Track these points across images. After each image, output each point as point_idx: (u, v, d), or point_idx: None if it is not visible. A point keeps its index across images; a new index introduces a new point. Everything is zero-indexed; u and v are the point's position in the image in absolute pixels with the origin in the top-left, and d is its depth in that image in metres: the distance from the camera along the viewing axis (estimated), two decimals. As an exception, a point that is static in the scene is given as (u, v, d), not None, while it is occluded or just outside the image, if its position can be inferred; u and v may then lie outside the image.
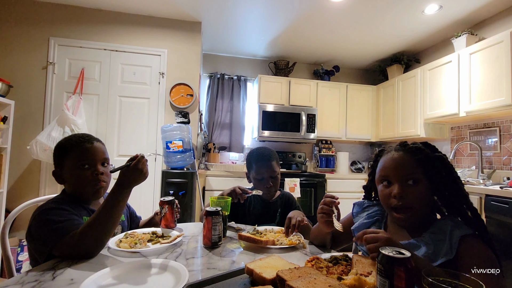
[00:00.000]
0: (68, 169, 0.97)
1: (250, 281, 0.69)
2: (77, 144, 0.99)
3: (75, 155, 0.97)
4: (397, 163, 0.81)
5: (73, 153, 0.97)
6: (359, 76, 4.40)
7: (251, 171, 1.42)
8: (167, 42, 3.00)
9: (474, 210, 0.76)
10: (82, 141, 1.00)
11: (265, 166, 1.37)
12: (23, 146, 2.52)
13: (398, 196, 0.77)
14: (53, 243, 0.82)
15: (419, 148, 0.81)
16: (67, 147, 0.98)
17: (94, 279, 0.67)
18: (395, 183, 0.80)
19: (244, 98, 3.81)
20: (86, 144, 0.99)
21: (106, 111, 2.83)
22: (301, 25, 3.05)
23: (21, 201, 1.69)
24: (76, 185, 0.99)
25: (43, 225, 0.85)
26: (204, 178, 3.13)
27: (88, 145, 0.99)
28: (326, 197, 0.91)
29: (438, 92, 2.93)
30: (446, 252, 0.70)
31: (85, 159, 0.98)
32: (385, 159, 0.85)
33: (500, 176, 2.59)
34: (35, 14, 2.71)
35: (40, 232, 0.85)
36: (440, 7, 2.62)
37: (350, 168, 4.14)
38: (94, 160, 0.99)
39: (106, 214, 0.85)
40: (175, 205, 1.16)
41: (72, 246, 0.81)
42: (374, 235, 0.66)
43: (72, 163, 0.97)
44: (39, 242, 0.85)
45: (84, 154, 0.98)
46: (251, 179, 1.45)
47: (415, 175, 0.78)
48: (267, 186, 1.37)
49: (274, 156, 1.42)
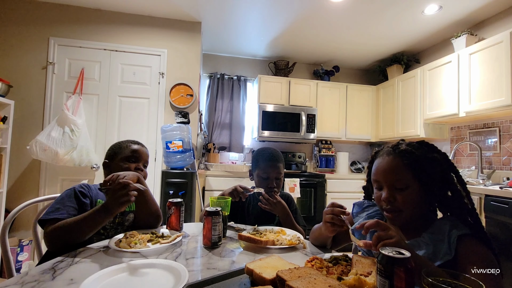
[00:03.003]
0: (117, 161, 1.20)
1: (250, 281, 0.69)
2: (129, 145, 1.25)
3: (127, 151, 1.22)
4: (386, 169, 0.81)
5: (126, 150, 1.23)
6: (359, 76, 4.40)
7: (257, 169, 1.43)
8: (167, 42, 3.00)
9: (471, 210, 0.76)
10: (134, 143, 1.28)
11: (272, 166, 1.38)
12: (23, 146, 2.52)
13: (386, 201, 0.80)
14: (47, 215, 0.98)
15: (409, 151, 0.80)
16: (122, 145, 1.25)
17: (94, 279, 0.67)
18: (384, 188, 0.81)
19: (244, 98, 3.81)
20: (136, 145, 1.27)
21: (106, 111, 2.83)
22: (301, 25, 3.05)
23: (21, 201, 1.69)
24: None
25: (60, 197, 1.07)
26: (204, 178, 3.13)
27: (137, 147, 1.26)
28: (333, 205, 0.87)
29: (438, 92, 2.93)
30: (445, 252, 0.70)
31: (133, 156, 1.22)
32: (377, 163, 0.86)
33: (500, 176, 2.59)
34: (35, 14, 2.71)
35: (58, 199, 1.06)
36: (440, 7, 2.62)
37: (350, 168, 4.14)
38: (139, 158, 1.24)
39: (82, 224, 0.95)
40: (181, 208, 1.15)
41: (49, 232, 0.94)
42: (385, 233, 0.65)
43: (123, 157, 1.21)
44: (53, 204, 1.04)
45: (133, 152, 1.23)
46: (255, 176, 1.45)
47: (403, 181, 0.78)
48: (270, 186, 1.38)
49: (281, 158, 1.44)
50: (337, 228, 0.86)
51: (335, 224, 0.85)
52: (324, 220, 0.88)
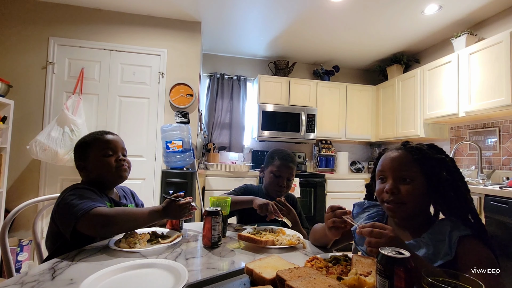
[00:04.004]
0: (93, 159, 1.09)
1: (250, 281, 0.69)
2: (99, 136, 1.12)
3: (99, 146, 1.10)
4: (394, 161, 0.82)
5: (97, 145, 1.10)
6: (359, 76, 4.40)
7: (270, 166, 1.45)
8: (166, 42, 2.99)
9: (474, 213, 0.77)
10: (103, 133, 1.14)
11: (287, 167, 1.42)
12: (23, 146, 2.52)
13: (389, 191, 0.80)
14: (82, 213, 0.90)
15: (419, 148, 0.82)
16: (90, 140, 1.12)
17: (94, 279, 0.67)
18: (389, 179, 0.81)
19: (244, 98, 3.81)
20: (107, 135, 1.14)
21: (106, 111, 2.83)
22: (301, 25, 3.05)
23: (21, 201, 1.69)
24: (101, 172, 1.10)
25: (77, 197, 0.95)
26: (203, 178, 3.13)
27: (109, 137, 1.14)
28: (332, 208, 0.86)
29: (437, 92, 2.93)
30: (446, 253, 0.70)
31: (108, 148, 1.11)
32: (384, 157, 0.87)
33: (500, 176, 2.59)
34: (35, 13, 2.71)
35: (73, 202, 0.93)
36: (440, 7, 2.62)
37: (350, 168, 4.14)
38: (116, 148, 1.13)
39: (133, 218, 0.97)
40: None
41: (99, 223, 0.91)
42: (381, 231, 0.66)
43: (97, 153, 1.10)
44: (68, 212, 0.92)
45: (106, 144, 1.11)
46: (266, 173, 1.48)
47: (409, 173, 0.79)
48: (281, 185, 1.41)
49: (296, 162, 1.50)
50: (341, 230, 0.84)
51: (339, 227, 0.83)
52: (327, 226, 0.86)
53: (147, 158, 2.90)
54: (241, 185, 1.56)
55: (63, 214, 0.95)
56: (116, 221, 0.93)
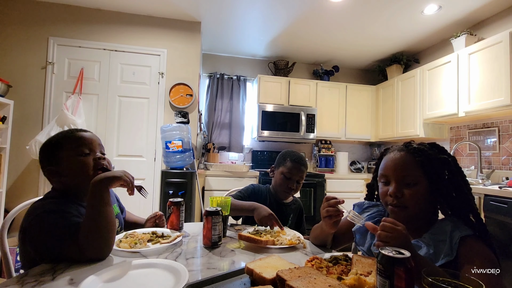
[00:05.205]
0: (66, 161, 0.92)
1: (250, 281, 0.69)
2: (70, 134, 0.96)
3: (72, 144, 0.93)
4: (397, 163, 0.82)
5: (69, 144, 0.93)
6: (359, 76, 4.40)
7: (281, 167, 1.45)
8: (166, 42, 2.99)
9: (476, 212, 0.77)
10: (74, 131, 0.98)
11: (298, 169, 1.42)
12: (22, 146, 2.52)
13: (393, 195, 0.80)
14: (59, 251, 0.78)
15: (422, 150, 0.81)
16: (59, 141, 0.94)
17: (94, 279, 0.67)
18: (392, 182, 0.81)
19: (244, 98, 3.81)
20: (79, 132, 0.97)
21: (106, 111, 2.83)
22: (300, 25, 3.05)
23: (20, 201, 1.69)
24: (78, 175, 0.92)
25: (48, 231, 0.79)
26: (203, 178, 3.13)
27: (82, 133, 0.97)
28: (327, 199, 0.88)
29: (437, 92, 2.94)
30: (447, 253, 0.70)
31: (84, 146, 0.94)
32: (387, 158, 0.86)
33: (499, 176, 2.59)
34: (35, 13, 2.71)
35: (44, 238, 0.79)
36: (440, 7, 2.62)
37: (349, 168, 4.15)
38: (92, 146, 0.96)
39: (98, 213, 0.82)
40: (181, 208, 1.14)
41: (83, 252, 0.78)
42: (394, 226, 0.66)
43: (70, 153, 0.92)
44: (41, 248, 0.79)
45: (81, 141, 0.95)
46: (277, 174, 1.47)
47: (413, 176, 0.79)
48: (290, 187, 1.42)
49: (307, 166, 1.50)
50: (334, 220, 0.86)
51: (332, 216, 0.85)
52: (322, 216, 0.89)
53: (146, 158, 2.90)
54: (247, 185, 1.52)
55: (42, 239, 0.79)
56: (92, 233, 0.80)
